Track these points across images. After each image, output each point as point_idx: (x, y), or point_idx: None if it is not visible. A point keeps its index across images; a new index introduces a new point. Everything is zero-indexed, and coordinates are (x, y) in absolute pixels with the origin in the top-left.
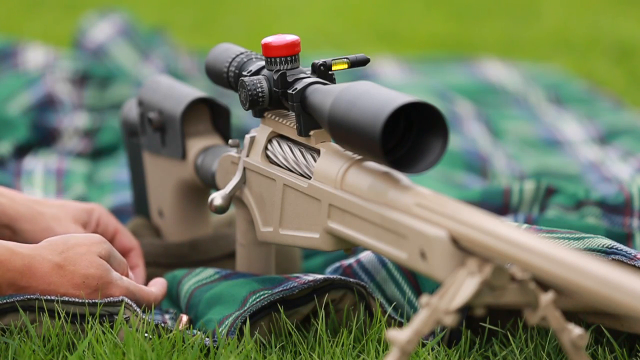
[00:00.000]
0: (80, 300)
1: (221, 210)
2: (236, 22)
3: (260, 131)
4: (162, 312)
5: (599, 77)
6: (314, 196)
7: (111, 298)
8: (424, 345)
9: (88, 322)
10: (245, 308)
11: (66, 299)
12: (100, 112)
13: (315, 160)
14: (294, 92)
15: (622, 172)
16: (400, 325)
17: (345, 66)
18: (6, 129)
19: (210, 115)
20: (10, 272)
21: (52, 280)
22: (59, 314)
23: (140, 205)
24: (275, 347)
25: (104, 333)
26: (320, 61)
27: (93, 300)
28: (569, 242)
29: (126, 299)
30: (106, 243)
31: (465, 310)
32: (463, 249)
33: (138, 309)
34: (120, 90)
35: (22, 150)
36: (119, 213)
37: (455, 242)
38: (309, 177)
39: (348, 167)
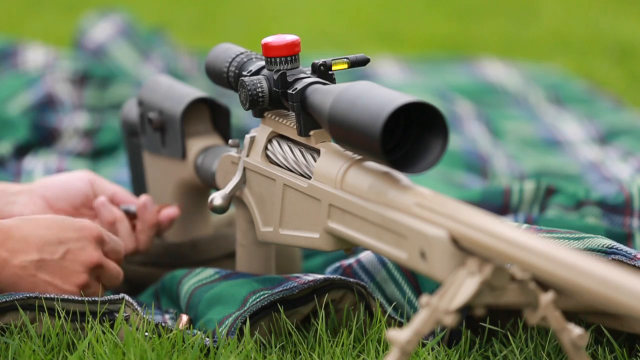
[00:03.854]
0: (80, 299)
1: (221, 210)
2: (236, 22)
3: (260, 131)
4: (162, 312)
5: (599, 77)
6: (314, 196)
7: (111, 296)
8: (424, 345)
9: (88, 322)
10: (246, 308)
11: (66, 297)
12: (100, 112)
13: (315, 160)
14: (294, 92)
15: (622, 172)
16: (400, 325)
17: (345, 66)
18: (6, 129)
19: (210, 115)
20: None
21: (26, 227)
22: (59, 313)
23: None
24: (275, 347)
25: (104, 333)
26: (320, 61)
27: (93, 299)
28: (569, 242)
29: (126, 297)
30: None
31: (465, 310)
32: (463, 249)
33: (138, 307)
34: (120, 90)
35: (22, 150)
36: None
37: (455, 242)
38: (309, 177)
39: (348, 167)
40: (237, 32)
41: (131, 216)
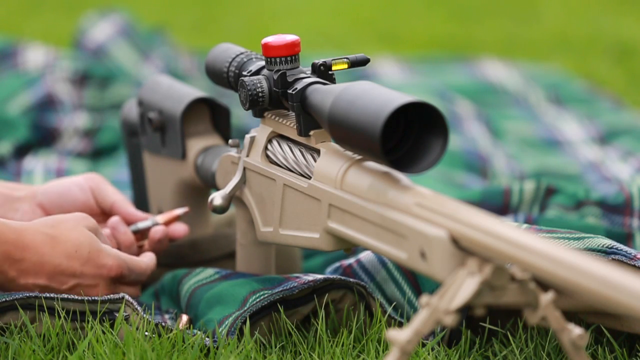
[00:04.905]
0: (80, 298)
1: (221, 210)
2: (236, 22)
3: (260, 131)
4: (161, 312)
5: (599, 77)
6: (314, 196)
7: (111, 296)
8: (424, 345)
9: (88, 322)
10: (246, 308)
11: (66, 296)
12: (100, 112)
13: (315, 160)
14: (294, 92)
15: (622, 172)
16: (400, 325)
17: (345, 66)
18: (6, 129)
19: (210, 115)
20: (4, 244)
21: (45, 251)
22: (59, 313)
23: (140, 205)
24: (275, 347)
25: (104, 333)
26: (320, 61)
27: (93, 298)
28: (569, 242)
29: (126, 297)
30: (91, 219)
31: (465, 310)
32: (463, 249)
33: (138, 307)
34: (120, 90)
35: (22, 150)
36: None
37: (455, 242)
38: (309, 177)
39: (348, 167)
40: (237, 32)
41: (138, 234)
